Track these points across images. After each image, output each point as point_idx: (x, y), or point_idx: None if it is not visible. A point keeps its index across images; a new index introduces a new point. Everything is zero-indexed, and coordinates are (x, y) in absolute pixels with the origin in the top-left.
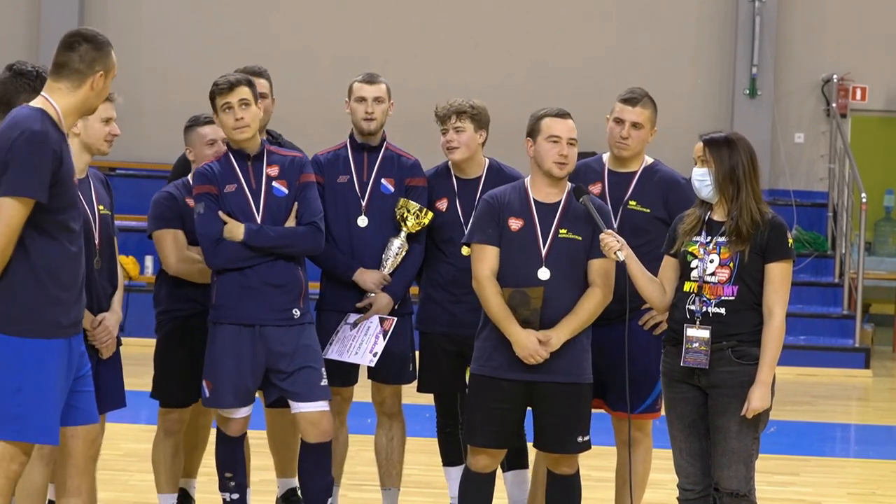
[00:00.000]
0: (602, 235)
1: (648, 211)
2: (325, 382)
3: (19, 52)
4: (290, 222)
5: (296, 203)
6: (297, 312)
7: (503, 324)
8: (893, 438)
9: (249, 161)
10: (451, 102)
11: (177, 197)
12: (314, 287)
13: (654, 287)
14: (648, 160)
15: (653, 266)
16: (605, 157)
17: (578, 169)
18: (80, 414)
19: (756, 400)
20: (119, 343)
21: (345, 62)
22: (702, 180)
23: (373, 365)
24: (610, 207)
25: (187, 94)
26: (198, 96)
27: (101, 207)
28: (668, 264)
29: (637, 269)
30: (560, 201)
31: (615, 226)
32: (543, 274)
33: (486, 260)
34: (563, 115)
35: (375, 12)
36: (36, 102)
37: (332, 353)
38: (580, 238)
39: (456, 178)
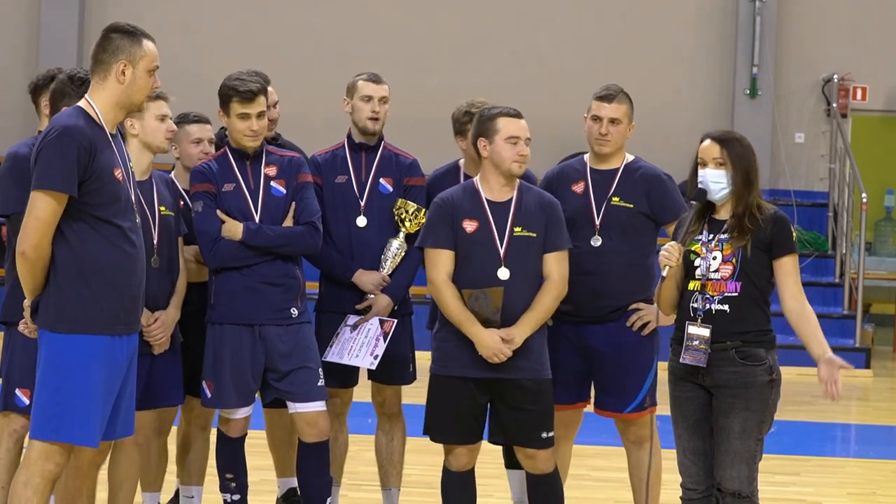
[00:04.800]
0: (668, 245)
1: (632, 206)
2: (321, 383)
3: (19, 53)
4: (288, 222)
5: (293, 203)
6: (294, 312)
7: (464, 325)
8: (894, 438)
9: (248, 161)
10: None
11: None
12: (312, 287)
13: (675, 295)
14: (629, 157)
15: (641, 259)
16: (587, 156)
17: (562, 170)
18: (118, 428)
19: (825, 370)
20: (180, 340)
21: (344, 61)
22: (718, 182)
23: (374, 368)
24: (594, 204)
25: (187, 93)
26: (198, 96)
27: (162, 208)
28: None
29: (671, 285)
30: (512, 199)
31: (597, 221)
32: (503, 274)
33: (441, 264)
34: (517, 114)
35: (376, 11)
36: (79, 103)
37: (332, 355)
38: (535, 235)
39: (465, 176)
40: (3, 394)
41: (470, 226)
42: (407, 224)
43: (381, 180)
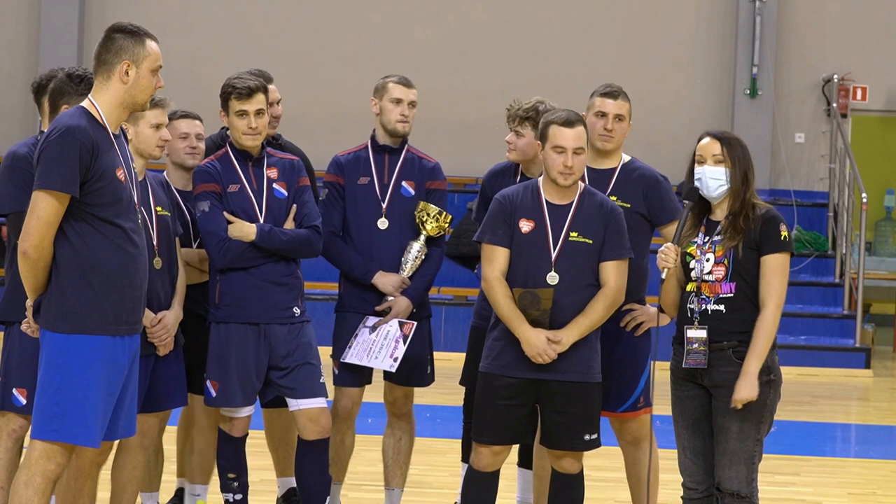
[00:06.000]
0: (664, 247)
1: (629, 206)
2: (323, 380)
3: (19, 53)
4: (289, 224)
5: (293, 206)
6: (297, 311)
7: (513, 323)
8: (894, 438)
9: (250, 162)
10: (522, 104)
11: None
12: (311, 287)
13: (677, 295)
14: (626, 157)
15: (636, 259)
16: None
17: None
18: (119, 428)
19: (741, 390)
20: (182, 341)
21: (344, 61)
22: (717, 179)
23: (394, 370)
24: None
25: (188, 93)
26: (198, 96)
27: (158, 209)
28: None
29: (674, 285)
30: (572, 203)
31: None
32: (552, 279)
33: (496, 261)
34: (569, 122)
35: (376, 11)
36: (82, 103)
37: (352, 356)
38: (591, 241)
39: (523, 176)
40: (1, 394)
41: (526, 226)
42: (428, 227)
43: (404, 183)
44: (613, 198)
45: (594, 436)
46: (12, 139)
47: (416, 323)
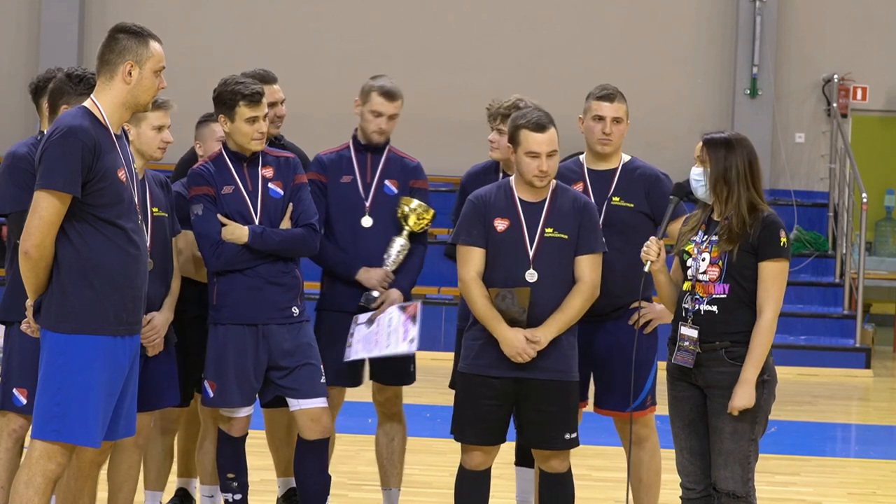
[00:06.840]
0: (649, 241)
1: (632, 206)
2: (324, 380)
3: (19, 52)
4: (286, 223)
5: (290, 204)
6: (296, 310)
7: (491, 324)
8: (894, 438)
9: (245, 163)
10: (502, 102)
11: (185, 196)
12: (310, 287)
13: (672, 291)
14: (626, 157)
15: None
16: (583, 157)
17: (559, 172)
18: (119, 428)
19: (739, 398)
20: (174, 341)
21: (344, 61)
22: (698, 180)
23: (413, 350)
24: (595, 205)
25: (187, 93)
26: (198, 96)
27: (155, 209)
28: (676, 264)
29: (664, 281)
30: (545, 199)
31: (599, 221)
32: (531, 276)
33: (471, 262)
34: (541, 126)
35: (376, 11)
36: (84, 103)
37: (357, 353)
38: (566, 237)
39: (504, 173)
40: (2, 393)
41: (501, 224)
42: (410, 222)
43: (386, 182)
44: (616, 199)
45: (573, 434)
46: (12, 139)
47: (419, 302)
